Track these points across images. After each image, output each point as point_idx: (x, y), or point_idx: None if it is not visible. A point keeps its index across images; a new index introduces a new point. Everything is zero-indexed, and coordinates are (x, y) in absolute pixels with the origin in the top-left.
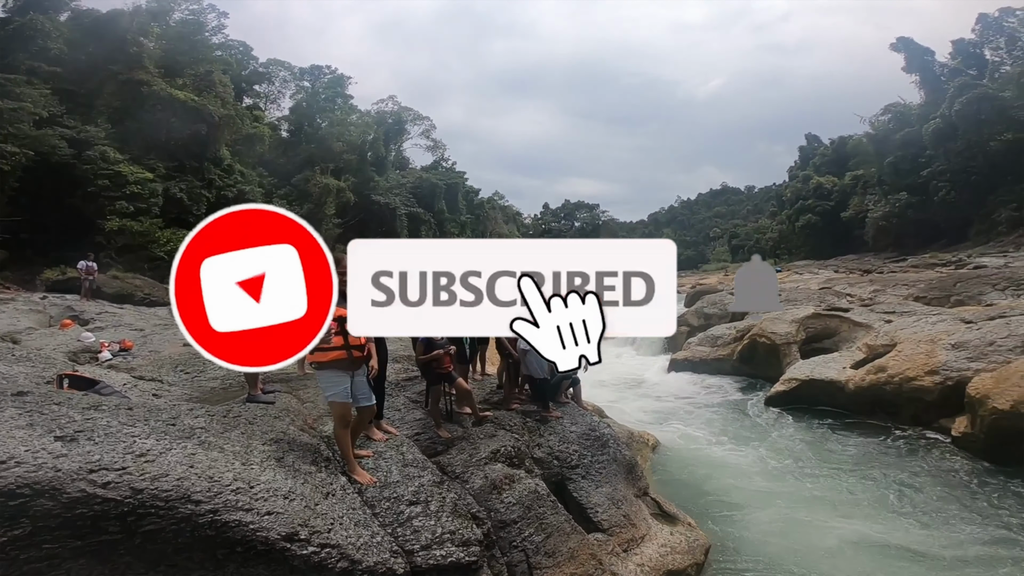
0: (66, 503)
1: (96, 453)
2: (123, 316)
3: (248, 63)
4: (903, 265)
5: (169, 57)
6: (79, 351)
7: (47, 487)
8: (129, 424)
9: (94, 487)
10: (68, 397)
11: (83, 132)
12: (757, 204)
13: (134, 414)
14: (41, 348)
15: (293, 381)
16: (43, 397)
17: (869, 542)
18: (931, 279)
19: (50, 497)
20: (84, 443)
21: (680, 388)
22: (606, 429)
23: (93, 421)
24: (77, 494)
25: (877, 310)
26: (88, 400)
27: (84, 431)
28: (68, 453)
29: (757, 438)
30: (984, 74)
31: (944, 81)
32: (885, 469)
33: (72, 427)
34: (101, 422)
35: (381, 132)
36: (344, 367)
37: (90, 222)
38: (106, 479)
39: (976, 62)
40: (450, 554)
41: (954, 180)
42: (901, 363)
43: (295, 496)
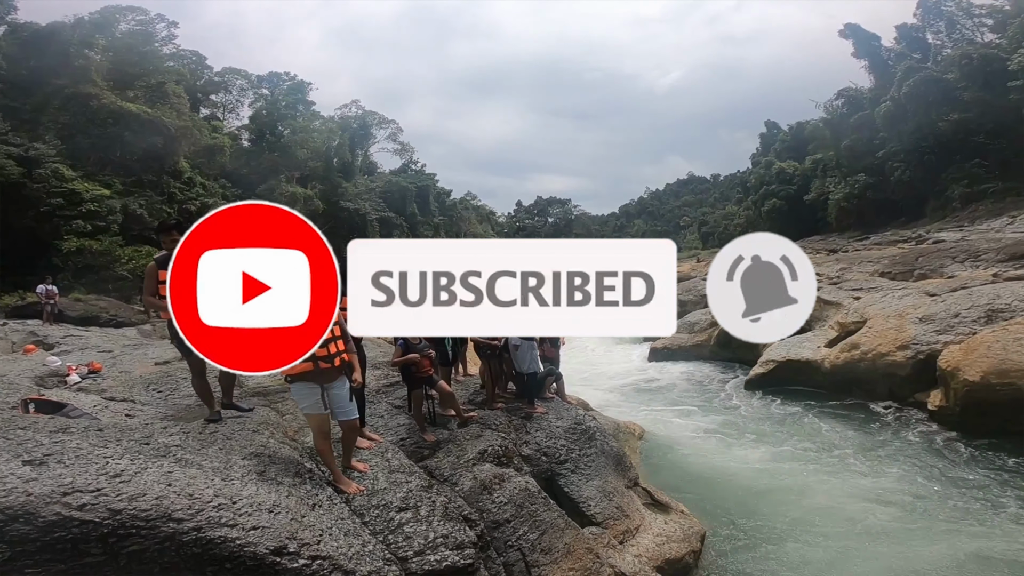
0: (43, 527)
1: (68, 476)
2: (89, 338)
3: (202, 73)
4: (866, 243)
5: (118, 69)
6: (45, 375)
7: (20, 511)
8: (100, 445)
9: (69, 510)
10: (34, 421)
11: (32, 150)
12: (723, 192)
13: (105, 435)
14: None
15: (272, 394)
16: (7, 422)
17: (855, 518)
18: (894, 255)
19: (25, 521)
20: (54, 466)
21: (662, 376)
22: (592, 422)
23: (62, 444)
24: (53, 517)
25: (845, 287)
26: (55, 423)
27: (53, 454)
28: (39, 477)
29: (740, 422)
30: (928, 57)
31: (891, 65)
32: (866, 446)
33: (40, 451)
34: (71, 444)
35: (346, 138)
36: (312, 379)
37: (46, 244)
38: (81, 501)
39: (920, 46)
40: (445, 558)
41: (908, 160)
42: (873, 339)
43: (280, 509)
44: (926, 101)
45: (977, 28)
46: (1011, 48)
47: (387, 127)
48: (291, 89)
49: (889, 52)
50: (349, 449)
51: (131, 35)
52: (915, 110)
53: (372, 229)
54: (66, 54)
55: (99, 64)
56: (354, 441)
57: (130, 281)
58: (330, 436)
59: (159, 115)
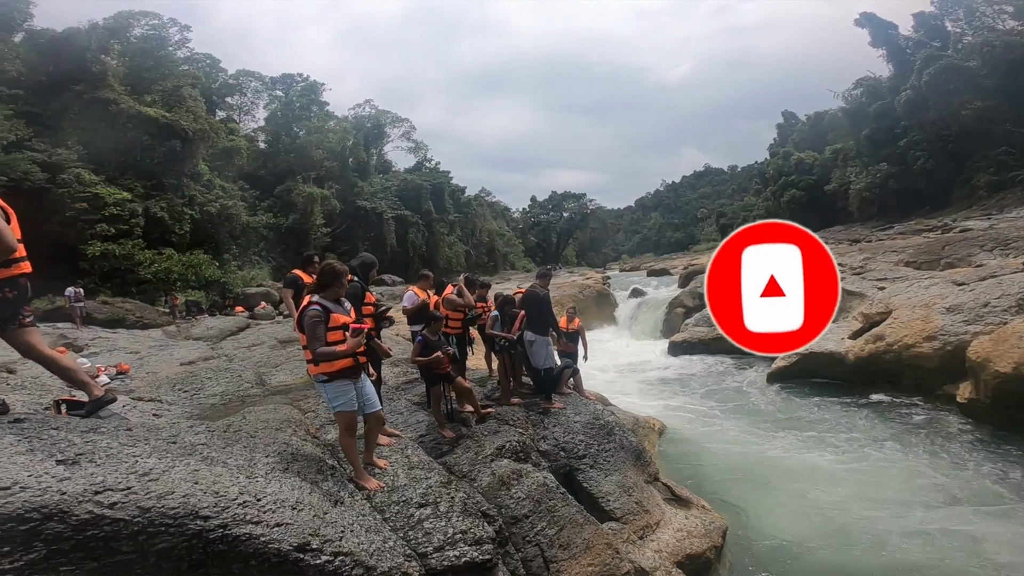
0: (76, 525)
1: (99, 475)
2: (117, 340)
3: (217, 76)
4: (890, 233)
5: (134, 74)
6: None
7: (55, 510)
8: (130, 444)
9: (101, 508)
10: (66, 421)
11: (55, 155)
12: (741, 183)
13: (134, 434)
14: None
15: (294, 392)
16: (41, 422)
17: (882, 515)
18: (919, 244)
19: (59, 520)
20: (86, 465)
21: (682, 371)
22: (610, 417)
23: (93, 443)
24: (86, 516)
25: (869, 277)
26: (86, 423)
27: (85, 453)
28: (71, 476)
29: (762, 416)
30: (948, 45)
31: (910, 54)
32: (891, 441)
33: (72, 450)
34: (101, 444)
35: (360, 137)
36: (350, 375)
37: (72, 248)
38: (112, 499)
39: (939, 34)
40: (464, 554)
41: (931, 149)
42: (898, 330)
43: (303, 506)
44: (948, 89)
45: (998, 15)
46: None
47: (400, 126)
48: (305, 90)
49: (907, 40)
50: (373, 443)
51: (145, 40)
52: (937, 99)
53: (388, 227)
54: (83, 59)
55: (115, 69)
56: (378, 434)
57: (153, 285)
58: (356, 433)
59: (177, 119)
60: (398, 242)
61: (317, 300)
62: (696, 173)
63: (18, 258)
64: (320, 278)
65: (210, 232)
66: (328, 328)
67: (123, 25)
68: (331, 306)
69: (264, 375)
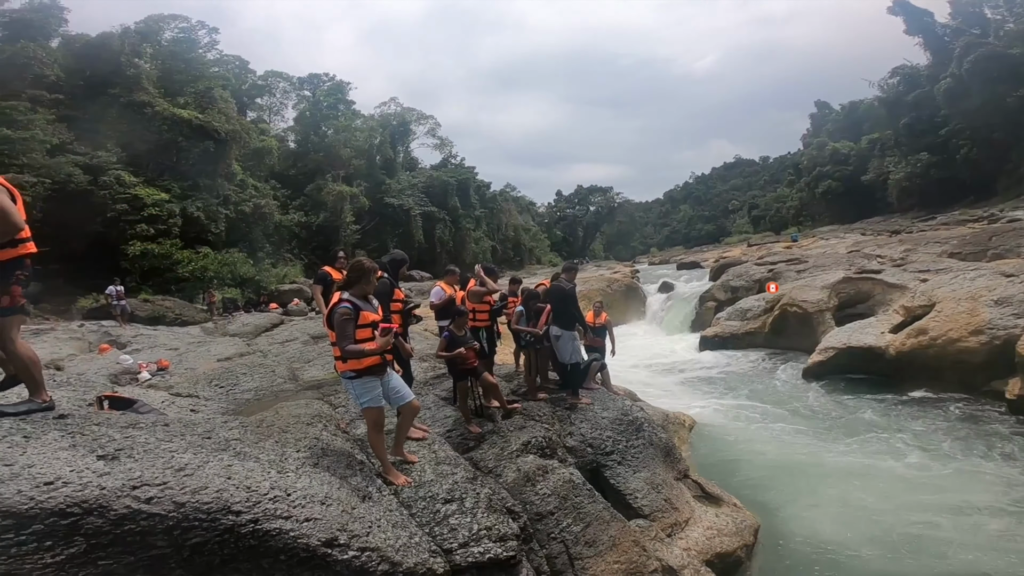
0: (114, 520)
1: (137, 470)
2: (157, 337)
3: (246, 77)
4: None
5: (166, 76)
6: (119, 373)
7: (95, 505)
8: (166, 440)
9: (138, 503)
10: (107, 417)
11: (95, 158)
12: (774, 174)
13: (171, 430)
14: (82, 373)
15: (325, 387)
16: (83, 418)
17: (923, 518)
18: (964, 235)
19: (99, 515)
20: (125, 460)
21: (713, 366)
22: (639, 412)
23: (132, 439)
24: (123, 511)
25: (911, 270)
26: (126, 419)
27: (124, 449)
28: (111, 471)
29: (797, 413)
30: (988, 32)
31: (948, 42)
32: (934, 440)
33: (112, 446)
34: (140, 439)
35: (387, 135)
36: (378, 372)
37: (114, 248)
38: (149, 494)
39: (978, 21)
40: (488, 550)
41: (974, 138)
42: (942, 324)
43: (332, 501)
44: (990, 77)
45: None
46: None
47: (425, 123)
48: (331, 89)
49: (944, 28)
50: (403, 436)
51: (175, 43)
52: (979, 87)
53: (415, 224)
54: (117, 63)
55: (149, 72)
56: (410, 425)
57: (191, 284)
58: (383, 429)
59: (209, 120)
60: (425, 238)
61: (347, 298)
62: (726, 164)
63: (24, 238)
64: (349, 274)
65: (244, 231)
66: (357, 326)
67: (153, 28)
68: (360, 304)
69: (296, 370)
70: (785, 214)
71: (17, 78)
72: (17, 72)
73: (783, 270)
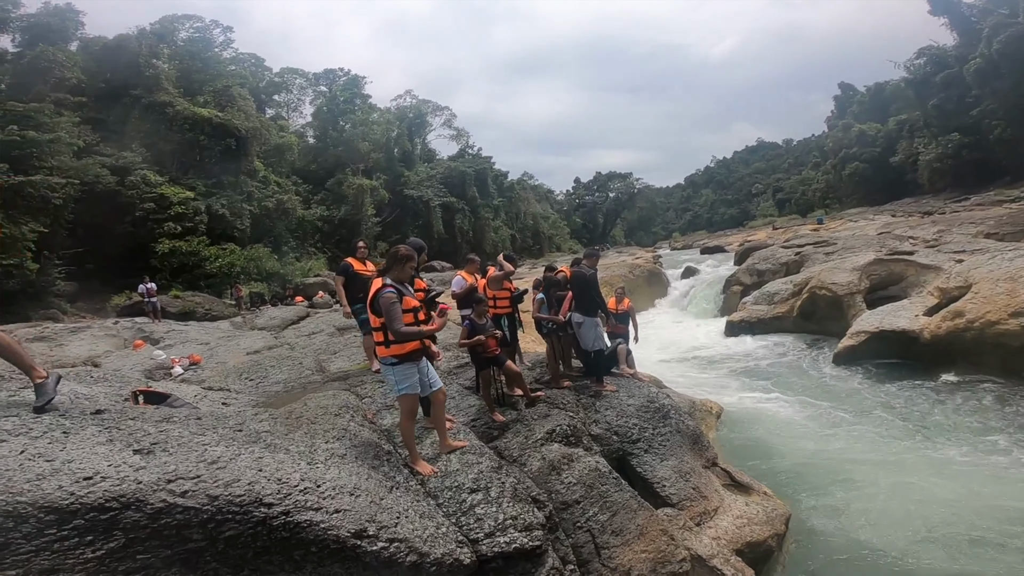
0: (151, 514)
1: (172, 463)
2: (189, 332)
3: (263, 75)
4: (966, 204)
5: (184, 76)
6: (153, 368)
7: (132, 499)
8: (199, 433)
9: (174, 496)
10: (142, 412)
11: (121, 159)
12: (798, 157)
13: (203, 423)
14: (118, 369)
15: (351, 378)
16: (120, 413)
17: (956, 505)
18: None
19: (136, 509)
20: (160, 454)
21: (740, 351)
22: (665, 399)
23: (166, 433)
24: (160, 504)
25: (945, 250)
26: (160, 413)
27: (159, 443)
28: (146, 465)
29: (828, 399)
30: (1018, 12)
31: (976, 22)
32: (971, 426)
33: (148, 440)
34: (174, 433)
35: (404, 127)
36: (418, 357)
37: (143, 246)
38: (184, 488)
39: (1007, 1)
40: (514, 540)
41: (1008, 117)
42: (980, 306)
43: (360, 492)
44: (1022, 57)
45: None
46: None
47: (441, 114)
48: (347, 84)
49: (971, 8)
50: (443, 426)
51: (191, 42)
52: (1011, 67)
53: (435, 215)
54: (136, 65)
55: (167, 72)
56: (444, 413)
57: (218, 279)
58: (415, 417)
59: (229, 118)
60: (445, 228)
61: (390, 283)
62: (748, 148)
63: None
64: (387, 261)
65: (268, 226)
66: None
67: (169, 29)
68: (402, 289)
69: (323, 362)
70: (811, 197)
71: (40, 82)
72: (40, 76)
73: (811, 252)
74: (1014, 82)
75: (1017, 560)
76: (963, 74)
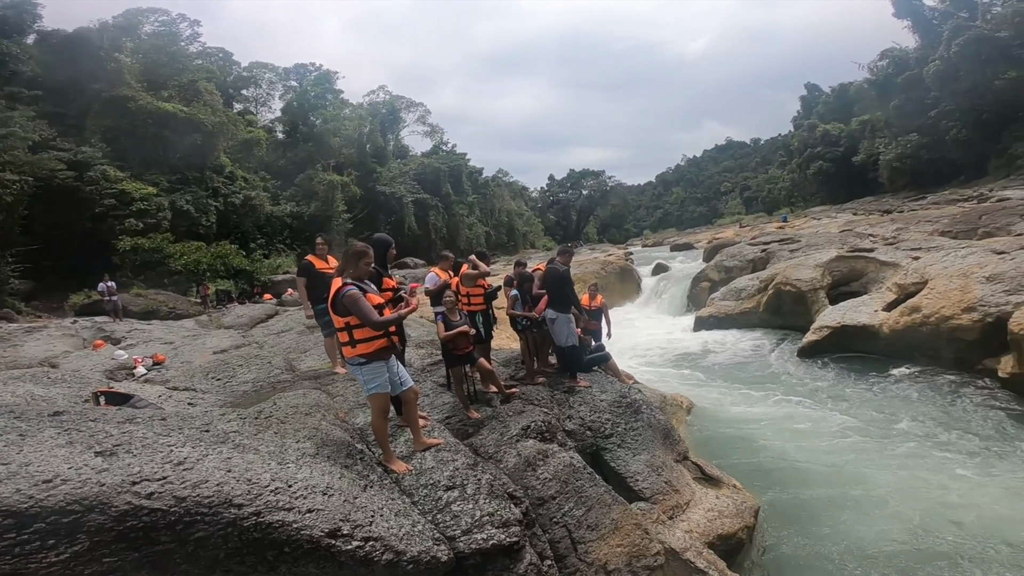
0: (116, 516)
1: (136, 465)
2: (152, 331)
3: (231, 69)
4: (923, 203)
5: (149, 70)
6: (115, 369)
7: (95, 502)
8: (164, 434)
9: (139, 498)
10: (103, 413)
11: (80, 153)
12: (765, 156)
13: (168, 424)
14: (78, 369)
15: (322, 377)
16: (79, 415)
17: (917, 494)
18: (955, 214)
19: (100, 511)
20: (123, 456)
21: (709, 346)
22: (637, 395)
23: (129, 434)
24: (125, 507)
25: (903, 248)
26: (123, 414)
27: (122, 444)
28: (109, 467)
29: (793, 392)
30: (976, 15)
31: (937, 24)
32: (930, 419)
33: (110, 441)
34: (137, 434)
35: (377, 123)
36: (387, 355)
37: (104, 244)
38: (149, 490)
39: (966, 4)
40: (491, 536)
41: (964, 119)
42: (935, 301)
43: (334, 491)
44: (979, 60)
45: None
46: None
47: (415, 110)
48: (318, 79)
49: (933, 11)
50: (417, 425)
51: (156, 36)
52: (968, 69)
53: (408, 211)
54: (97, 58)
55: (130, 66)
56: (416, 411)
57: (183, 276)
58: (388, 416)
59: (195, 113)
60: (418, 225)
61: (350, 281)
62: (718, 147)
63: None
64: (342, 260)
65: (236, 223)
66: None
67: (133, 23)
68: (363, 286)
69: (293, 361)
70: (777, 195)
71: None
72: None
73: (776, 250)
74: (971, 84)
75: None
76: (923, 76)
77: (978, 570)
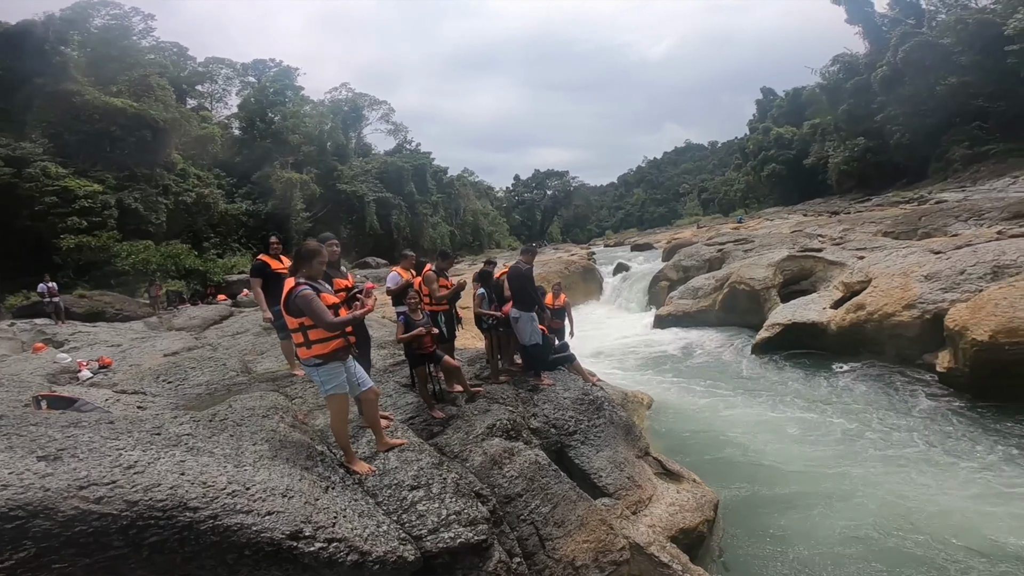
0: (63, 522)
1: (83, 469)
2: (98, 334)
3: (185, 64)
4: (868, 205)
5: (97, 65)
6: (57, 373)
7: (39, 507)
8: (112, 437)
9: (87, 503)
10: (45, 417)
11: (18, 149)
12: (722, 158)
13: (116, 427)
14: (16, 373)
15: (280, 379)
16: (20, 419)
17: (866, 483)
18: (897, 215)
19: (46, 517)
20: (68, 460)
21: (668, 344)
22: (599, 392)
23: (75, 438)
24: (72, 512)
25: (849, 248)
26: (67, 418)
27: (67, 449)
28: (54, 472)
29: (748, 387)
30: (923, 23)
31: (886, 31)
32: (875, 410)
33: (54, 446)
34: (83, 438)
35: (338, 121)
36: (344, 356)
37: (45, 243)
38: (98, 494)
39: (914, 11)
40: (459, 535)
41: (907, 123)
42: (878, 299)
43: (293, 493)
44: (923, 66)
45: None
46: (1006, 13)
47: (379, 108)
48: (278, 75)
49: (883, 18)
50: (378, 425)
51: (107, 30)
52: (913, 75)
53: (369, 210)
54: (42, 52)
55: (77, 60)
56: (377, 412)
57: (131, 276)
58: (347, 417)
59: (145, 108)
60: (381, 224)
61: (303, 281)
62: (677, 149)
63: None
64: (294, 260)
65: (187, 221)
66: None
67: (82, 16)
68: (317, 286)
69: (249, 363)
70: (733, 196)
71: None
72: None
73: (731, 250)
74: (914, 89)
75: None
76: (871, 81)
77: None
